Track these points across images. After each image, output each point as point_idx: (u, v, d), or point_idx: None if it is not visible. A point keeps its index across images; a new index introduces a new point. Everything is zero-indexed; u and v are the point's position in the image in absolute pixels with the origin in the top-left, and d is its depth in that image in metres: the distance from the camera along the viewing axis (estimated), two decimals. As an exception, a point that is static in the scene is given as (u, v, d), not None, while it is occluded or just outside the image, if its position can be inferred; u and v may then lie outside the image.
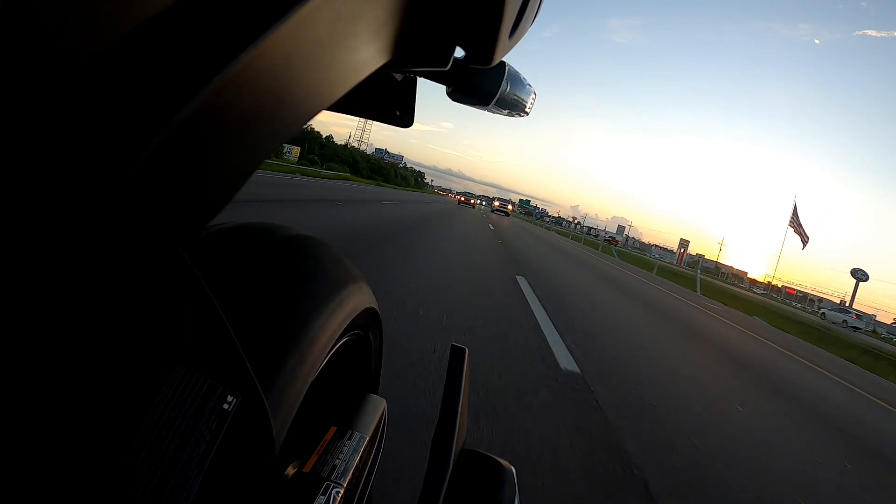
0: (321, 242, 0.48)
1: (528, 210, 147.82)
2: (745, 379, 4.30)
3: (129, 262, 0.16)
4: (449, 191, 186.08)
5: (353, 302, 0.47)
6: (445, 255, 5.85)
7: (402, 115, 0.63)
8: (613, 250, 38.84)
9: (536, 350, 2.80)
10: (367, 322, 0.55)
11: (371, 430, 0.48)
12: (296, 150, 35.53)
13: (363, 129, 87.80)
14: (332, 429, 0.46)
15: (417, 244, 6.01)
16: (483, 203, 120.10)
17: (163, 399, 0.24)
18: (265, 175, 12.37)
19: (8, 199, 0.12)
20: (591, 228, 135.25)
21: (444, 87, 0.61)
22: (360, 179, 40.45)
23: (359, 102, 0.62)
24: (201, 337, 0.26)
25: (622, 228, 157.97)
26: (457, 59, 0.33)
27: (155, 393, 0.24)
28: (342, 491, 0.39)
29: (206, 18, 0.15)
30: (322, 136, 50.95)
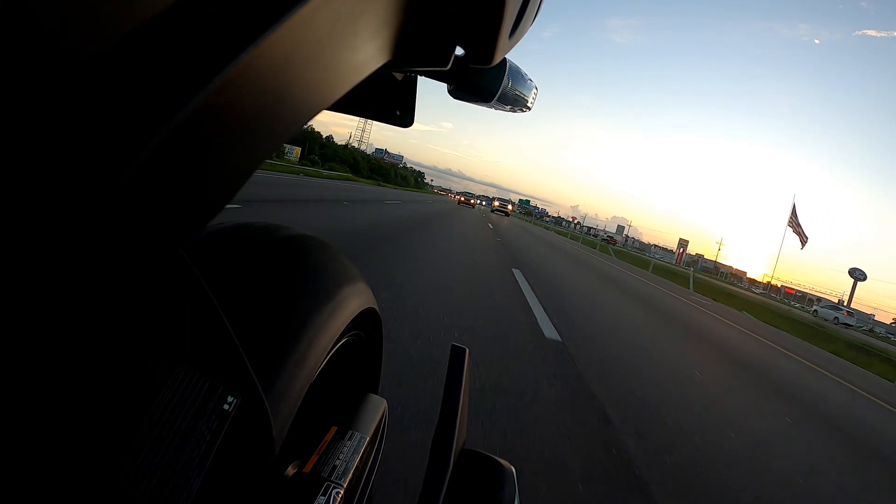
0: (321, 242, 0.48)
1: (527, 210, 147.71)
2: (709, 353, 4.89)
3: (130, 262, 0.16)
4: (449, 191, 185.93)
5: (353, 302, 0.47)
6: (445, 255, 5.86)
7: (402, 114, 0.62)
8: (610, 249, 39.07)
9: (526, 323, 3.42)
10: (367, 322, 0.55)
11: (371, 430, 0.48)
12: (296, 150, 35.53)
13: (363, 129, 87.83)
14: (333, 429, 0.46)
15: (417, 244, 6.03)
16: (483, 203, 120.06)
17: (163, 399, 0.24)
18: (270, 176, 12.77)
19: (8, 200, 0.12)
20: (590, 228, 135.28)
21: (444, 86, 0.61)
22: (361, 180, 40.58)
23: (359, 102, 0.62)
24: (201, 337, 0.26)
25: (622, 228, 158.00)
26: (457, 57, 0.33)
27: (155, 393, 0.24)
28: (342, 491, 0.39)
29: (206, 18, 0.15)
30: (322, 136, 51.00)
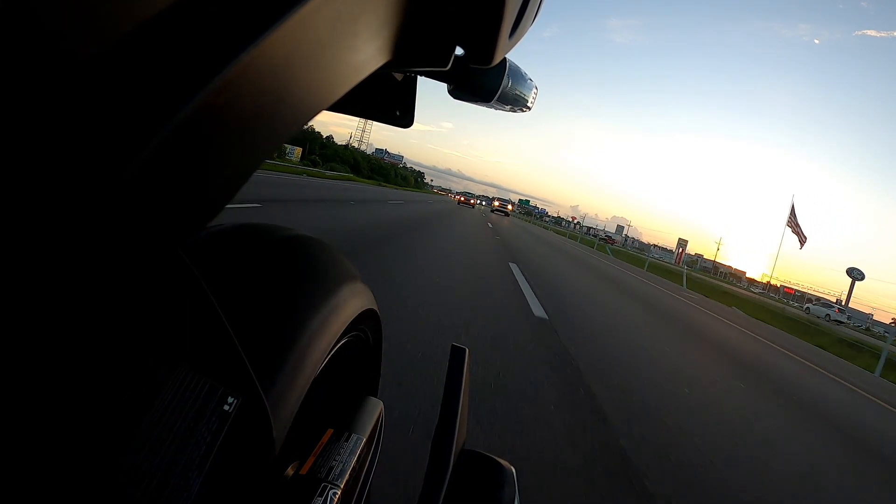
0: (321, 243, 0.48)
1: (527, 210, 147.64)
2: (680, 333, 5.46)
3: (129, 262, 0.16)
4: (449, 191, 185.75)
5: (353, 303, 0.47)
6: (446, 254, 5.86)
7: (402, 115, 0.62)
8: (608, 248, 39.40)
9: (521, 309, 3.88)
10: (367, 323, 0.55)
11: (368, 432, 0.48)
12: (298, 150, 35.53)
13: (363, 130, 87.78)
14: (329, 431, 0.46)
15: (417, 244, 6.04)
16: (483, 203, 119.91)
17: (163, 400, 0.24)
18: (277, 177, 13.07)
19: (8, 200, 0.12)
20: (589, 228, 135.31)
21: (444, 86, 0.61)
22: (363, 180, 40.70)
23: (359, 102, 0.62)
24: (201, 338, 0.26)
25: (621, 228, 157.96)
26: (457, 57, 0.33)
27: (155, 394, 0.24)
28: (339, 493, 0.39)
29: (206, 18, 0.15)
30: (322, 136, 51.01)
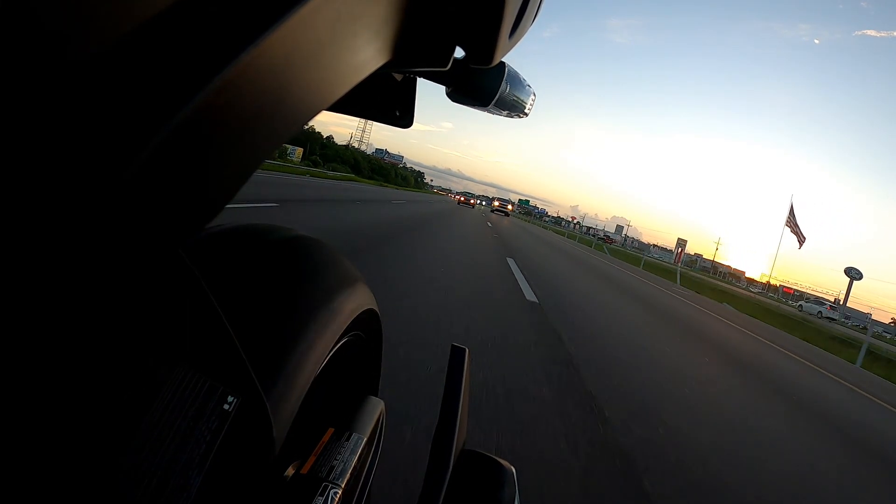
0: (321, 243, 0.48)
1: (527, 210, 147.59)
2: (664, 321, 5.85)
3: (129, 262, 0.16)
4: (449, 191, 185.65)
5: (353, 303, 0.47)
6: (446, 254, 5.86)
7: (401, 115, 0.62)
8: (605, 247, 39.68)
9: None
10: (367, 323, 0.55)
11: (369, 431, 0.48)
12: (299, 150, 35.56)
13: (363, 130, 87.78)
14: (330, 430, 0.46)
15: (417, 244, 6.04)
16: (483, 203, 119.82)
17: (163, 399, 0.24)
18: (281, 177, 13.31)
19: (8, 200, 0.12)
20: (589, 228, 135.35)
21: (443, 87, 0.61)
22: (364, 180, 40.79)
23: (359, 102, 0.62)
24: (201, 337, 0.26)
25: (621, 228, 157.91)
26: (457, 59, 0.33)
27: (155, 393, 0.24)
28: (340, 492, 0.39)
29: (206, 18, 0.15)
30: (323, 136, 51.03)
